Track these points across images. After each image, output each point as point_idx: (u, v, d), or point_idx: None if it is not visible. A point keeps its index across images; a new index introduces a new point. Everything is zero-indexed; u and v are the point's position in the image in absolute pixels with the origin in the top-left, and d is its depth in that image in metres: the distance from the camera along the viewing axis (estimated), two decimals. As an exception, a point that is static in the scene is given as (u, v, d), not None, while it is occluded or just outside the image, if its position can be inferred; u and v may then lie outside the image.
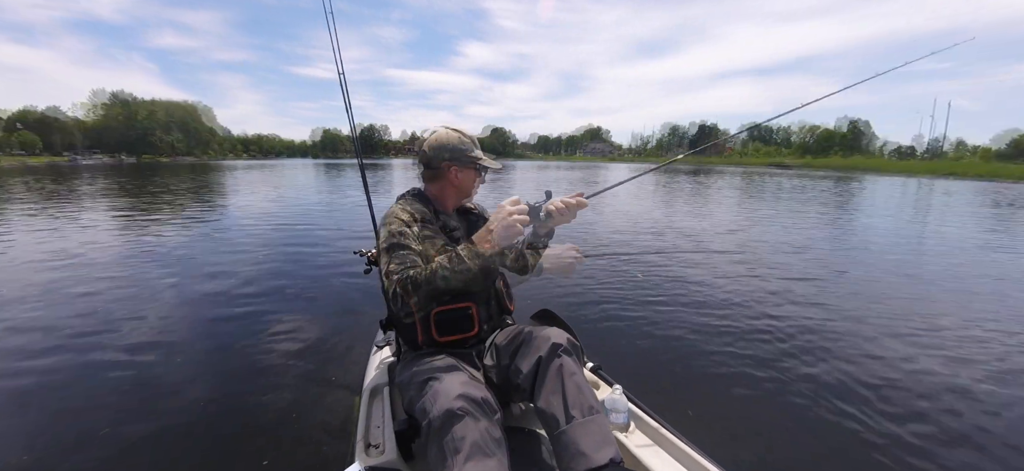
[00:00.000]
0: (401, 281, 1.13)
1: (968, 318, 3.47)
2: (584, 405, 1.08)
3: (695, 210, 10.56)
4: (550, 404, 1.10)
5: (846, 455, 1.88)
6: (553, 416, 1.08)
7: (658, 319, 3.28)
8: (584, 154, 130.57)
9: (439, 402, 0.99)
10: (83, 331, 3.01)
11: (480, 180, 1.47)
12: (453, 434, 0.95)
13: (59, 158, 58.33)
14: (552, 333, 1.22)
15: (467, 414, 0.97)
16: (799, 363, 2.63)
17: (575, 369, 1.16)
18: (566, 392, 1.10)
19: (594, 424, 1.06)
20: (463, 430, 0.95)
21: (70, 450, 1.83)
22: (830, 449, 1.92)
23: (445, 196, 1.43)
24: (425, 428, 1.00)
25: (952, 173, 35.03)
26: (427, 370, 1.15)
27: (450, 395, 0.99)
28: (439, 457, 0.96)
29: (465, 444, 0.94)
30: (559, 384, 1.11)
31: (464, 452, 0.93)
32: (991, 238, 7.27)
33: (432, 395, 1.02)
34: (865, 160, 56.18)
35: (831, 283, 4.32)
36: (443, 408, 0.97)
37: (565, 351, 1.17)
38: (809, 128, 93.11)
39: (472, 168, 1.42)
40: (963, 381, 2.46)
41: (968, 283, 4.50)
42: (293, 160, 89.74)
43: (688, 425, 1.43)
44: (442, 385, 1.03)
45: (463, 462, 0.92)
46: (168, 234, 6.77)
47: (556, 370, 1.14)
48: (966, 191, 19.69)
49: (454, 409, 0.97)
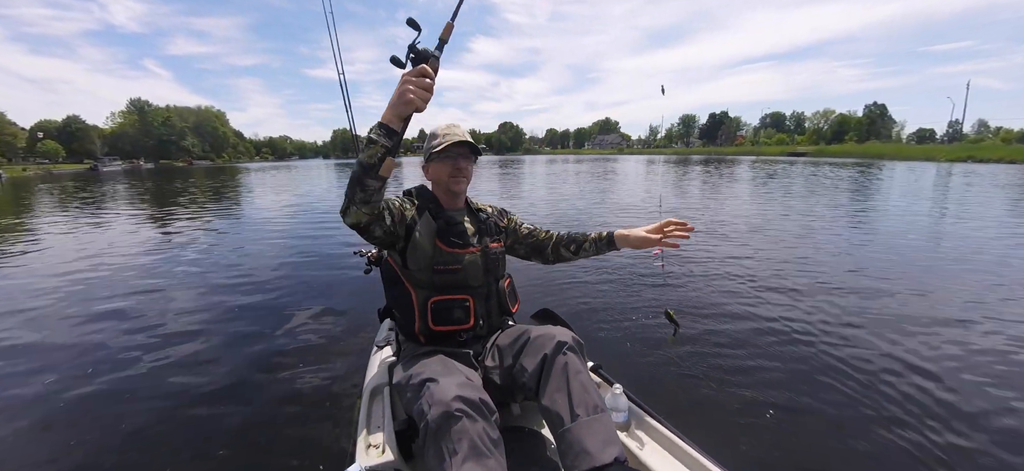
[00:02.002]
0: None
1: (968, 317, 3.34)
2: (589, 403, 1.08)
3: (701, 202, 10.40)
4: (555, 402, 1.10)
5: (847, 454, 1.83)
6: (558, 414, 1.08)
7: (658, 318, 3.24)
8: (593, 147, 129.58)
9: (436, 404, 0.99)
10: (82, 328, 3.10)
11: (453, 166, 1.36)
12: (450, 435, 0.95)
13: (81, 165, 60.21)
14: (557, 332, 1.22)
15: (464, 415, 0.97)
16: (799, 361, 2.58)
17: (581, 367, 1.15)
18: (571, 390, 1.10)
19: (599, 422, 1.06)
20: (460, 431, 0.95)
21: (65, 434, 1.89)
22: (830, 448, 1.87)
23: (436, 192, 1.43)
24: (422, 430, 1.00)
25: (970, 157, 33.79)
26: (424, 372, 1.15)
27: (447, 396, 0.99)
28: (437, 458, 0.95)
29: (463, 445, 0.94)
30: (564, 382, 1.11)
31: (462, 453, 0.93)
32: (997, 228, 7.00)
33: (429, 397, 1.02)
34: (880, 146, 54.41)
35: (834, 279, 4.20)
36: (440, 410, 0.97)
37: (570, 349, 1.17)
38: (823, 113, 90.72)
39: (439, 160, 1.37)
40: (955, 373, 2.39)
41: (969, 277, 4.34)
42: (306, 161, 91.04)
43: (688, 424, 1.41)
44: (439, 386, 1.02)
45: (461, 463, 0.92)
46: (168, 236, 6.92)
47: (561, 368, 1.13)
48: (982, 175, 18.96)
49: (451, 411, 0.97)
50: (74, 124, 75.90)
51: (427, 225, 1.33)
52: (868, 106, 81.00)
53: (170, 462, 1.82)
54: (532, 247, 1.58)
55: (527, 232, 1.58)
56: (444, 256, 1.31)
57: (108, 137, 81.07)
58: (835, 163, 31.43)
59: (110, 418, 2.11)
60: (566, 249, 1.54)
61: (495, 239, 1.45)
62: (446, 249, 1.32)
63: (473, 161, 1.41)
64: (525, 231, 1.58)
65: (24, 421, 2.10)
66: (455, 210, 1.41)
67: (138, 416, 2.13)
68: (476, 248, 1.37)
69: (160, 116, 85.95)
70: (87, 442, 1.94)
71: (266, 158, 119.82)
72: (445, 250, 1.32)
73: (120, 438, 1.97)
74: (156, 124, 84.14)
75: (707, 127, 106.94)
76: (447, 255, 1.32)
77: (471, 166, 1.41)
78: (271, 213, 9.73)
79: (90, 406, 2.22)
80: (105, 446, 1.92)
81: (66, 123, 75.46)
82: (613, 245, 1.46)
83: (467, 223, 1.41)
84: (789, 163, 31.93)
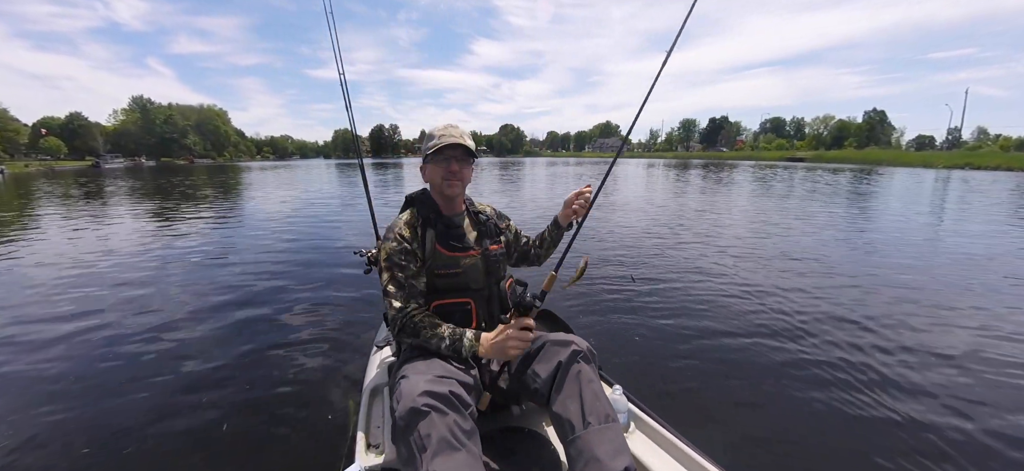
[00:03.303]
0: (404, 319, 1.23)
1: (965, 316, 3.35)
2: (601, 412, 1.09)
3: (699, 206, 10.41)
4: (567, 409, 1.11)
5: (847, 454, 1.84)
6: (569, 421, 1.09)
7: (658, 319, 3.25)
8: (593, 150, 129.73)
9: (403, 401, 0.99)
10: (81, 328, 3.10)
11: (445, 169, 1.33)
12: (418, 432, 0.95)
13: (83, 162, 60.27)
14: (573, 340, 1.23)
15: (432, 410, 0.97)
16: (799, 362, 2.58)
17: (593, 376, 1.17)
18: (584, 398, 1.11)
19: (610, 431, 1.07)
20: (428, 427, 0.95)
21: (67, 432, 1.90)
22: (831, 448, 1.88)
23: (435, 196, 1.42)
24: (391, 430, 1.01)
25: (968, 164, 33.96)
26: (402, 371, 1.15)
27: (413, 393, 0.99)
28: (408, 456, 0.96)
29: (431, 440, 0.94)
30: (577, 390, 1.12)
31: (431, 449, 0.93)
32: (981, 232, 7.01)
33: (397, 396, 1.04)
34: (879, 152, 54.59)
35: (833, 282, 4.21)
36: (407, 407, 0.98)
37: (585, 358, 1.19)
38: (823, 119, 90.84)
39: (434, 161, 1.35)
40: (953, 373, 2.39)
41: (964, 281, 4.35)
42: (307, 161, 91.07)
43: (688, 425, 1.41)
44: (407, 384, 1.03)
45: (431, 458, 0.92)
46: (167, 235, 6.93)
47: (575, 376, 1.15)
48: (979, 181, 18.98)
49: (418, 407, 0.97)
50: (77, 121, 75.99)
51: (429, 235, 1.33)
52: (868, 112, 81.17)
53: (170, 461, 1.82)
54: (522, 252, 1.62)
55: (521, 239, 1.61)
56: (444, 260, 1.31)
57: (110, 134, 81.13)
58: (832, 169, 31.45)
59: (107, 416, 2.11)
60: (539, 247, 1.60)
61: (495, 241, 1.45)
62: (446, 253, 1.32)
63: (469, 163, 1.38)
64: (521, 238, 1.61)
65: (16, 416, 2.10)
66: (454, 214, 1.41)
67: (136, 414, 2.13)
68: (476, 251, 1.37)
69: (162, 114, 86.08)
70: (87, 442, 1.94)
71: (267, 157, 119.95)
72: (445, 254, 1.32)
73: (119, 436, 1.97)
74: (158, 122, 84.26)
75: (707, 131, 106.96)
76: (447, 259, 1.31)
77: (467, 168, 1.37)
78: (271, 212, 9.73)
79: (90, 406, 2.22)
80: (104, 445, 1.92)
81: (69, 120, 75.56)
82: (558, 226, 1.55)
83: (466, 226, 1.41)
84: (786, 168, 31.94)
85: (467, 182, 1.40)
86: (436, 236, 1.32)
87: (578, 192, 1.46)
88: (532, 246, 1.61)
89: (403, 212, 1.39)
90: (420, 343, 1.21)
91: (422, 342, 1.21)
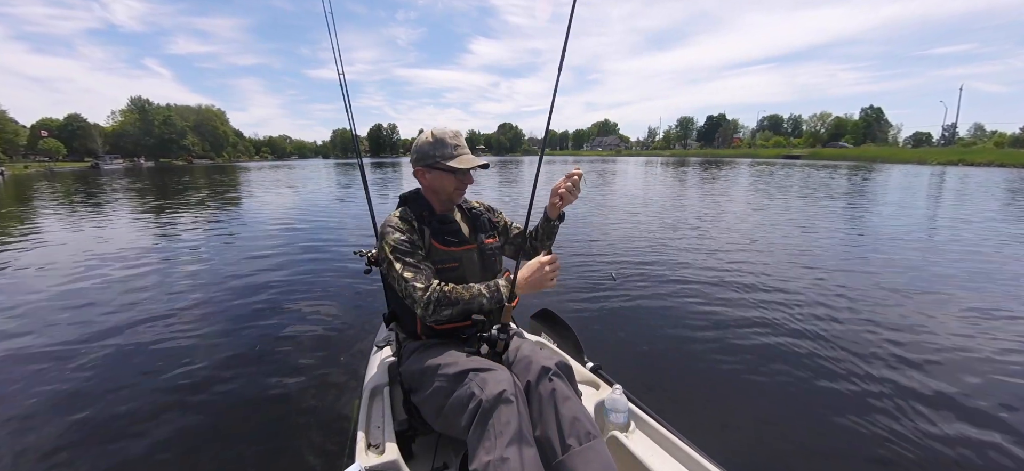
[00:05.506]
0: (437, 295, 1.21)
1: (964, 316, 3.36)
2: (581, 432, 1.05)
3: (698, 206, 10.41)
4: (545, 433, 1.07)
5: (846, 454, 1.84)
6: (549, 446, 1.05)
7: (658, 318, 3.25)
8: (592, 148, 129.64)
9: (489, 386, 1.05)
10: (81, 328, 3.10)
11: (458, 181, 1.37)
12: (500, 416, 1.00)
13: (82, 163, 60.08)
14: (540, 356, 1.20)
15: (515, 402, 1.04)
16: (800, 362, 2.59)
17: (569, 393, 1.12)
18: (561, 420, 1.07)
19: (593, 451, 1.03)
20: (510, 415, 1.01)
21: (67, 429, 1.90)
22: (831, 448, 1.88)
23: (430, 198, 1.42)
24: (473, 407, 1.04)
25: (962, 160, 34.05)
26: (458, 363, 1.18)
27: (500, 382, 1.05)
28: (481, 434, 1.00)
29: (510, 429, 0.99)
30: (552, 411, 1.08)
31: (507, 435, 0.98)
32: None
33: (480, 381, 1.08)
34: (874, 149, 54.78)
35: (834, 280, 4.22)
36: (494, 392, 1.03)
37: (555, 375, 1.14)
38: (820, 116, 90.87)
39: (441, 170, 1.35)
40: (950, 372, 2.39)
41: (957, 279, 4.36)
42: (305, 161, 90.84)
43: (688, 425, 1.41)
44: (492, 374, 1.09)
45: (506, 445, 0.97)
46: (167, 234, 6.91)
47: (548, 396, 1.10)
48: (969, 179, 19.01)
49: (507, 395, 1.03)
50: (75, 122, 75.68)
51: (425, 232, 1.35)
52: (864, 109, 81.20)
53: (169, 461, 1.82)
54: (517, 245, 1.60)
55: (514, 231, 1.60)
56: (441, 255, 1.33)
57: (109, 135, 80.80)
58: (828, 166, 31.44)
59: (107, 416, 2.11)
60: (534, 239, 1.58)
61: (490, 235, 1.47)
62: (443, 248, 1.33)
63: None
64: (512, 229, 1.60)
65: (14, 417, 2.10)
66: (447, 211, 1.43)
67: (136, 414, 2.13)
68: (472, 244, 1.39)
69: (161, 115, 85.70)
70: (87, 442, 1.94)
71: (265, 157, 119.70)
72: (442, 249, 1.33)
73: (117, 436, 1.97)
74: (157, 123, 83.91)
75: (705, 129, 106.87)
76: (444, 254, 1.33)
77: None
78: (270, 212, 9.71)
79: (90, 406, 2.22)
80: (104, 445, 1.92)
81: (68, 121, 75.24)
82: (548, 219, 1.52)
83: (461, 221, 1.43)
84: (783, 166, 31.94)
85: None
86: (432, 233, 1.34)
87: (568, 175, 1.43)
88: (530, 238, 1.60)
89: (396, 211, 1.40)
90: (461, 310, 1.23)
91: (464, 307, 1.23)
